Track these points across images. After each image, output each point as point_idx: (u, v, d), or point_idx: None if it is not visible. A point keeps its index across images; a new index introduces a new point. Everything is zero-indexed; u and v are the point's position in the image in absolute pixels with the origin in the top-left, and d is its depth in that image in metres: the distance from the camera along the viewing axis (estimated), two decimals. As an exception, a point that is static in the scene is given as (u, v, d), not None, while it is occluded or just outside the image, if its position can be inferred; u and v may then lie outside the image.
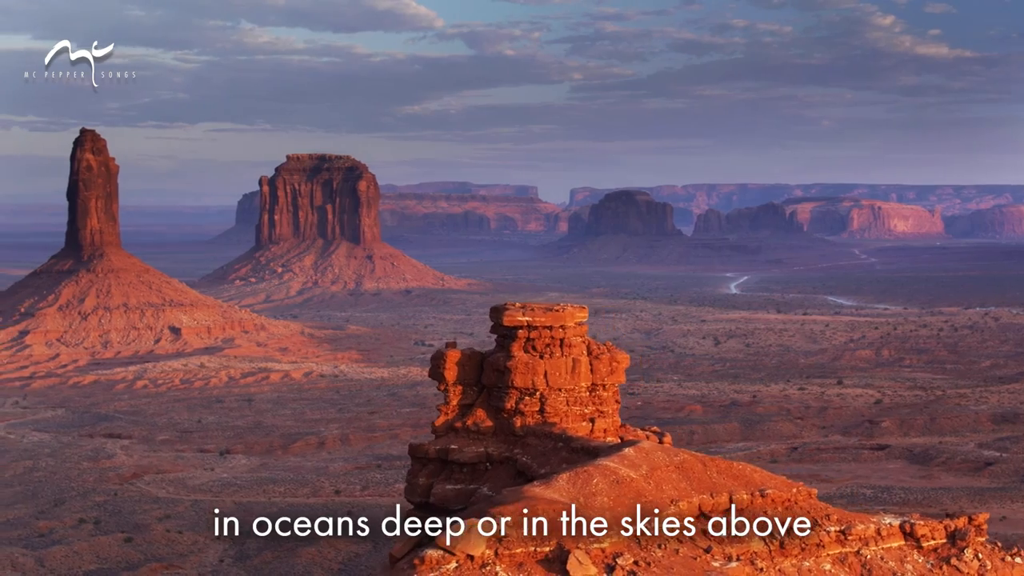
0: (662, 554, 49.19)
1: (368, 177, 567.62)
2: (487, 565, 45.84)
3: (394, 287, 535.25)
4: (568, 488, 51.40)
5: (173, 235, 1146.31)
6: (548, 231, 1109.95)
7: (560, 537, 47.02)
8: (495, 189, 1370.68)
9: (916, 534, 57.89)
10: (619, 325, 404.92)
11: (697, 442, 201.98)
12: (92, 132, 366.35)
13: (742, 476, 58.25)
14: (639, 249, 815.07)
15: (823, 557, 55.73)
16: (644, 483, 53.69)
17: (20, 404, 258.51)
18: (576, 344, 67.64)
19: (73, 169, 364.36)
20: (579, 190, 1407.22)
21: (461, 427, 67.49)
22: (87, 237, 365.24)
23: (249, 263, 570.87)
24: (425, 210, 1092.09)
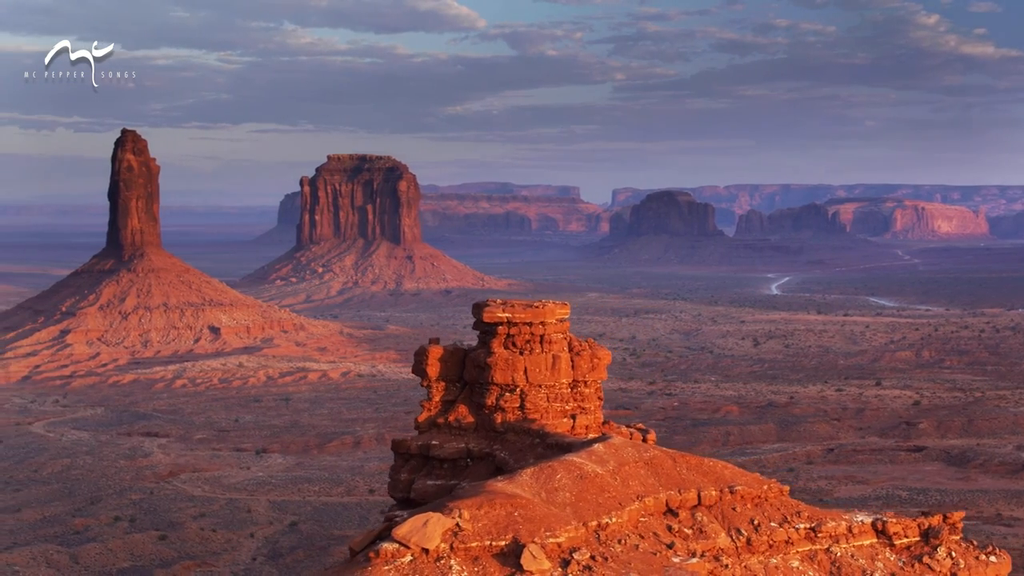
0: (621, 549, 49.10)
1: (408, 177, 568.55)
2: (442, 558, 45.99)
3: (434, 287, 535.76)
4: (531, 483, 51.63)
5: (216, 235, 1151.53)
6: (590, 231, 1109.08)
7: (516, 531, 47.16)
8: (537, 189, 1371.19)
9: (888, 532, 57.72)
10: (658, 326, 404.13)
11: (732, 443, 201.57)
12: (133, 133, 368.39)
13: (712, 473, 58.17)
14: (680, 249, 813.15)
15: (791, 554, 55.52)
16: (610, 479, 53.74)
17: (60, 403, 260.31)
18: (557, 340, 67.45)
19: (114, 169, 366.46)
20: (621, 190, 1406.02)
21: (443, 423, 67.52)
22: (128, 237, 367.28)
23: (290, 263, 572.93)
24: (467, 210, 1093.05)
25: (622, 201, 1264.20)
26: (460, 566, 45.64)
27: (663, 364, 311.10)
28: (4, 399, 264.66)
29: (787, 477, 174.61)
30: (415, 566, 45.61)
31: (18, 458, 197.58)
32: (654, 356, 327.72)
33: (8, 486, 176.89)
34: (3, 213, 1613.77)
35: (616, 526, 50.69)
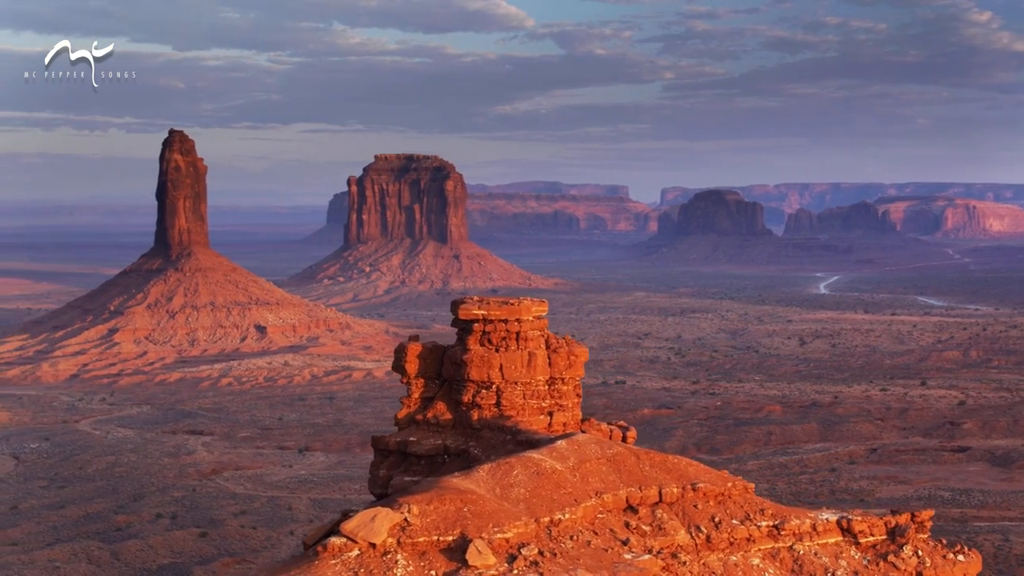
0: (572, 545, 49.10)
1: (455, 177, 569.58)
2: (389, 553, 46.15)
3: (480, 286, 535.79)
4: (487, 479, 51.76)
5: (265, 235, 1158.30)
6: (638, 231, 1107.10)
7: (464, 526, 47.30)
8: (585, 189, 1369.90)
9: (854, 530, 57.47)
10: (704, 325, 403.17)
11: (774, 443, 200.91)
12: (180, 133, 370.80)
13: (676, 470, 58.10)
14: (728, 249, 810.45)
15: (752, 552, 55.28)
16: (569, 475, 53.72)
17: (107, 401, 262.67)
18: (533, 338, 67.51)
19: (162, 170, 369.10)
20: (670, 189, 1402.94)
21: (422, 420, 67.74)
22: (175, 237, 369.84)
23: (337, 262, 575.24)
24: (515, 210, 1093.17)
25: (671, 200, 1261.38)
26: (406, 561, 45.96)
27: (708, 363, 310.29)
28: (52, 397, 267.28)
29: (828, 477, 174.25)
30: (362, 561, 45.78)
31: (64, 455, 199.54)
32: (699, 355, 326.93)
33: (53, 483, 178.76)
34: (57, 213, 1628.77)
35: (569, 522, 50.71)
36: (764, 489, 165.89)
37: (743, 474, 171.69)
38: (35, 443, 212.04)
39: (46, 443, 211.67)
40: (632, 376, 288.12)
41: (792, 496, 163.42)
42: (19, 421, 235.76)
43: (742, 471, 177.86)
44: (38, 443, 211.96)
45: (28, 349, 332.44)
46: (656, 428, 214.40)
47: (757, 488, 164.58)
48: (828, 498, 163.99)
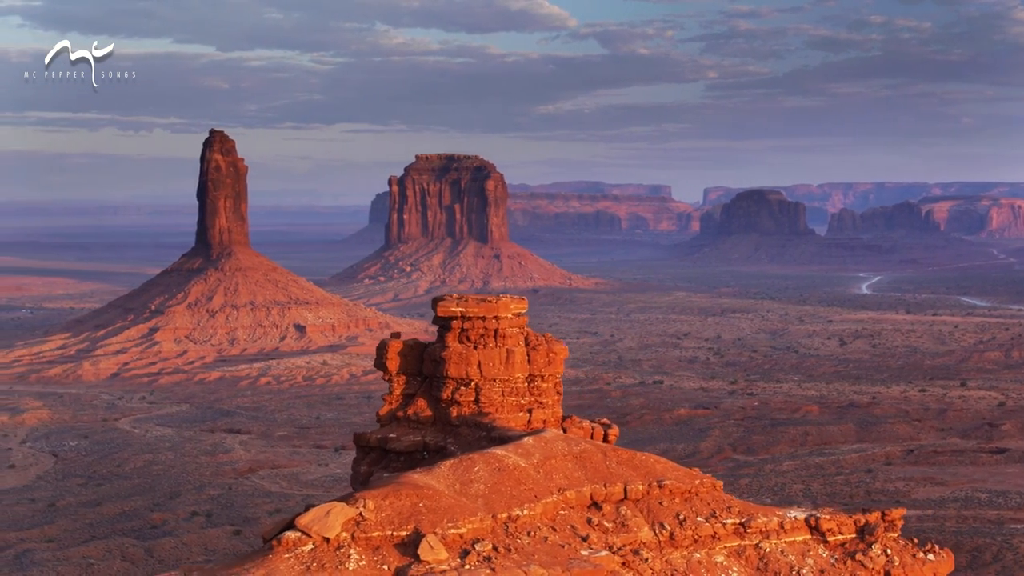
0: (529, 541, 49.21)
1: (496, 177, 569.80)
2: (342, 547, 46.66)
3: (521, 286, 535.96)
4: (448, 475, 51.98)
5: (308, 234, 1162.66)
6: (680, 230, 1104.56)
7: (419, 522, 47.68)
8: (628, 188, 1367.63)
9: (822, 528, 57.28)
10: (744, 325, 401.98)
11: (810, 443, 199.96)
12: (221, 133, 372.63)
13: (643, 467, 58.11)
14: (770, 249, 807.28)
15: (717, 549, 55.15)
16: (532, 472, 53.90)
17: (147, 399, 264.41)
18: (511, 335, 67.65)
19: (202, 170, 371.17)
20: (713, 189, 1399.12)
21: (403, 416, 68.03)
22: (216, 236, 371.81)
23: (378, 262, 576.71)
24: (557, 209, 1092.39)
25: (713, 200, 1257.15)
26: (359, 555, 46.41)
27: (746, 364, 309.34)
28: (93, 396, 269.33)
29: (864, 478, 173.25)
30: (315, 555, 46.34)
31: (102, 453, 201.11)
32: (738, 356, 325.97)
33: (91, 481, 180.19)
34: (102, 213, 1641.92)
35: (528, 518, 50.89)
36: (799, 490, 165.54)
37: (779, 475, 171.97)
38: (74, 441, 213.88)
39: (85, 441, 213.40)
40: (670, 376, 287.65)
41: (827, 497, 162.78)
42: (59, 419, 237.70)
43: (777, 472, 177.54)
44: (77, 441, 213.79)
45: (70, 348, 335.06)
46: (692, 428, 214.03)
47: (790, 489, 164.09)
48: (863, 499, 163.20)
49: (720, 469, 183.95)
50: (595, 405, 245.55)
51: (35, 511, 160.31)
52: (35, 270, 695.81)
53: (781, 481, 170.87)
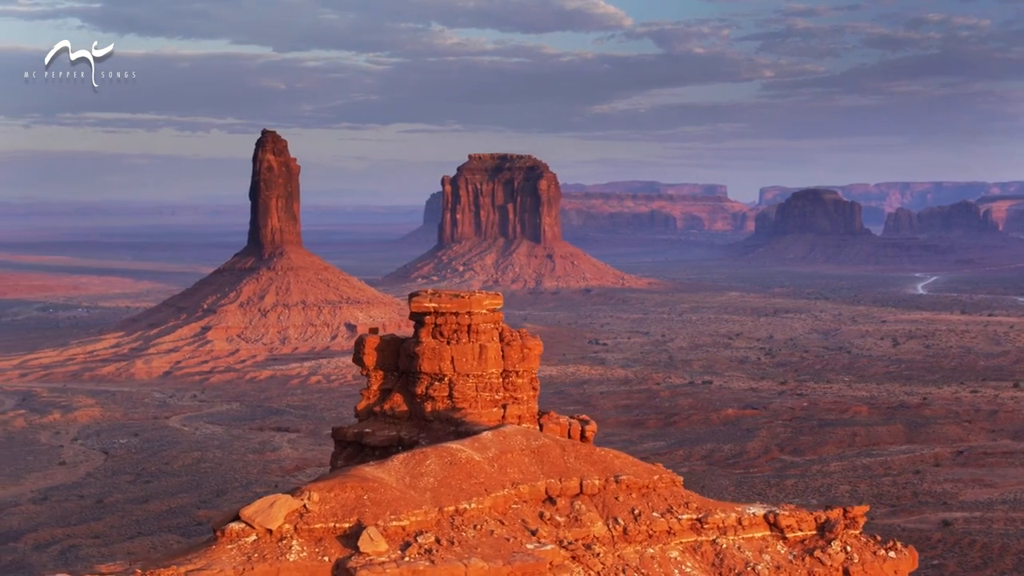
0: (474, 534, 49.33)
1: (549, 176, 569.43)
2: (285, 539, 47.30)
3: (574, 286, 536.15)
4: (399, 468, 52.36)
5: (363, 234, 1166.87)
6: (735, 230, 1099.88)
7: (362, 514, 48.07)
8: (683, 188, 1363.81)
9: (781, 525, 56.92)
10: (797, 325, 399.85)
11: (859, 444, 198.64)
12: (273, 133, 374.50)
13: (601, 462, 57.98)
14: (826, 249, 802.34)
15: (672, 545, 54.89)
16: (486, 465, 54.08)
17: (198, 398, 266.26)
18: (485, 331, 67.75)
19: (255, 169, 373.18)
20: (769, 189, 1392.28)
21: (380, 411, 68.22)
22: (268, 236, 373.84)
23: (431, 262, 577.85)
24: (611, 209, 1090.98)
25: (769, 200, 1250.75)
26: (301, 546, 46.89)
27: (797, 364, 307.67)
28: (145, 394, 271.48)
29: (912, 480, 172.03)
30: (257, 546, 46.96)
31: (152, 451, 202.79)
32: (789, 356, 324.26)
33: (140, 478, 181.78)
34: (159, 213, 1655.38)
35: (476, 511, 51.06)
36: (845, 491, 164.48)
37: (825, 476, 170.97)
38: (124, 438, 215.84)
39: (135, 439, 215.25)
40: (720, 376, 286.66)
41: (874, 498, 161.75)
42: (111, 417, 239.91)
43: (824, 472, 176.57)
44: (127, 439, 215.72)
45: (123, 346, 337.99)
46: (739, 428, 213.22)
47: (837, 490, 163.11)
48: (911, 501, 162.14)
49: (767, 470, 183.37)
50: (643, 405, 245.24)
51: (83, 507, 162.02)
52: (92, 269, 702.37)
53: (827, 482, 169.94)
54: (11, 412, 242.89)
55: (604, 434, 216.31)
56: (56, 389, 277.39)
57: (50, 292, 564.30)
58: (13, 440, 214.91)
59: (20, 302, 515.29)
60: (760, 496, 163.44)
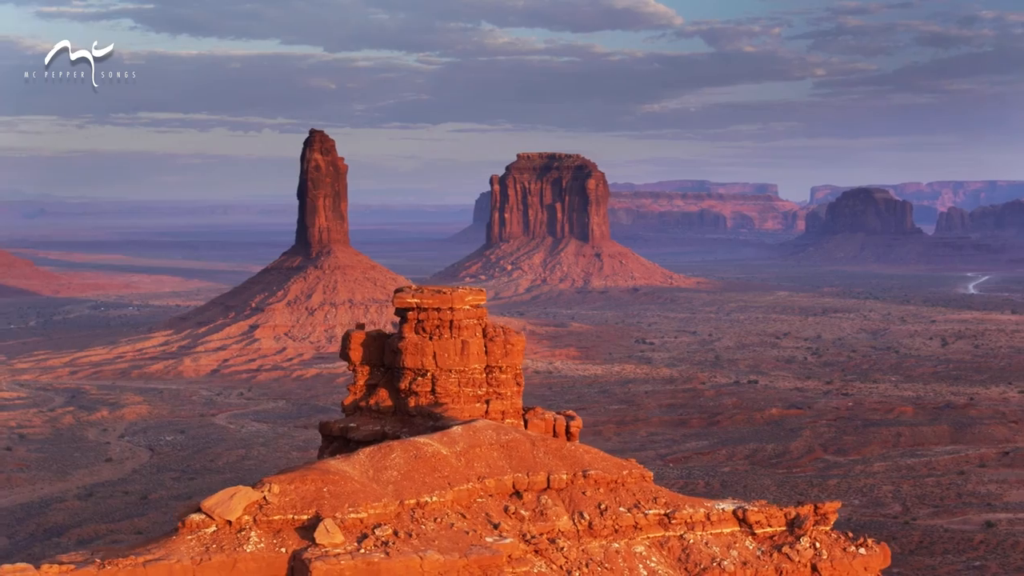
0: (433, 527, 49.59)
1: (597, 175, 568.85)
2: (243, 530, 47.91)
3: (622, 285, 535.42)
4: (365, 461, 52.76)
5: (414, 233, 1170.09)
6: (786, 230, 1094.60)
7: (320, 506, 48.58)
8: (733, 187, 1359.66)
9: (749, 520, 56.69)
10: (845, 325, 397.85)
11: (903, 445, 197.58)
12: (320, 133, 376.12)
13: (571, 457, 58.09)
14: (876, 248, 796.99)
15: (638, 540, 54.77)
16: (453, 459, 54.43)
17: (244, 395, 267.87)
18: (468, 326, 67.86)
19: (303, 169, 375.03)
20: (820, 188, 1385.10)
21: (366, 406, 68.51)
22: (315, 235, 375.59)
23: (480, 261, 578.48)
24: (661, 208, 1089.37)
25: (821, 199, 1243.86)
26: (259, 538, 47.41)
27: (844, 364, 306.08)
28: (192, 392, 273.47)
29: (956, 480, 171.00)
30: (216, 537, 47.73)
31: (197, 448, 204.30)
32: (836, 355, 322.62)
33: (184, 475, 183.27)
34: (211, 213, 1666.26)
35: (437, 505, 51.41)
36: (888, 492, 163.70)
37: (868, 476, 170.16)
38: (171, 436, 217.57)
39: (181, 436, 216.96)
40: (766, 376, 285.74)
41: (917, 499, 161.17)
42: (158, 414, 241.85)
43: (867, 473, 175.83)
44: (173, 436, 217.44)
45: (172, 344, 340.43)
46: (783, 428, 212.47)
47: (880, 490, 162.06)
48: (954, 502, 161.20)
49: (809, 470, 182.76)
50: (687, 404, 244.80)
51: (128, 503, 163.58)
52: (144, 268, 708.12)
53: (871, 482, 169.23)
54: (60, 409, 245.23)
55: (647, 433, 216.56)
56: (105, 387, 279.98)
57: (102, 291, 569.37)
58: (61, 437, 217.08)
59: (73, 300, 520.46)
60: (802, 496, 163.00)
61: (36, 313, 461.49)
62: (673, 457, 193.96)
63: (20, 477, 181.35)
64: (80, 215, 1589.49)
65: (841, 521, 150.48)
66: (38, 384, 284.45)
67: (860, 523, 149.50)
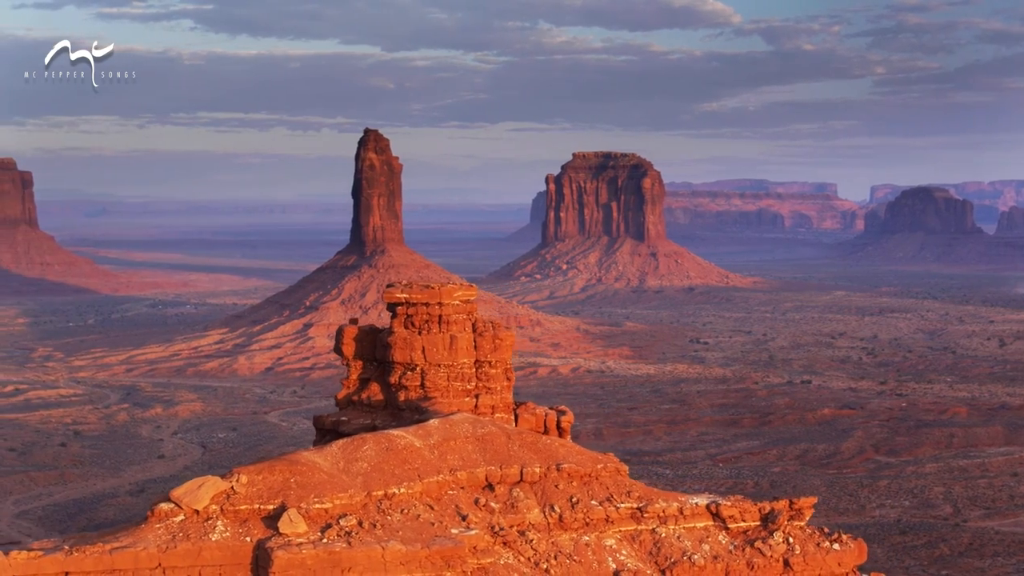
0: (399, 518, 49.93)
1: (653, 175, 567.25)
2: (210, 519, 48.70)
3: (677, 284, 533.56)
4: (337, 453, 53.39)
5: (471, 232, 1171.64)
6: (844, 229, 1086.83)
7: (287, 496, 49.27)
8: (792, 187, 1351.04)
9: (723, 515, 56.38)
10: (902, 325, 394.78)
11: (956, 446, 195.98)
12: (375, 132, 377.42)
13: (546, 450, 58.14)
14: (936, 247, 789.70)
15: (609, 533, 54.55)
16: (427, 452, 54.68)
17: (297, 394, 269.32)
18: (457, 321, 67.95)
19: (357, 168, 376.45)
20: (880, 187, 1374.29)
21: (358, 400, 68.74)
22: (369, 234, 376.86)
23: (535, 260, 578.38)
24: (718, 208, 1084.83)
25: (880, 198, 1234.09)
26: (225, 527, 48.11)
27: (900, 364, 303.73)
28: (246, 389, 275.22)
29: (1009, 482, 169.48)
30: (183, 525, 48.56)
31: (248, 445, 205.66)
32: (892, 356, 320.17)
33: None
34: (270, 212, 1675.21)
35: (404, 496, 51.68)
36: (939, 493, 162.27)
37: (920, 477, 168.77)
38: (223, 433, 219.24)
39: (233, 433, 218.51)
40: (820, 376, 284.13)
41: (968, 500, 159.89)
42: (211, 412, 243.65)
43: (919, 474, 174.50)
44: (226, 433, 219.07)
45: (227, 343, 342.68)
46: (835, 429, 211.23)
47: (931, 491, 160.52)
48: (1006, 503, 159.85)
49: (860, 471, 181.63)
50: (739, 404, 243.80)
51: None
52: (202, 267, 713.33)
53: (921, 483, 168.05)
54: (115, 406, 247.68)
55: (698, 433, 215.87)
56: (160, 384, 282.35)
57: (160, 289, 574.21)
58: (115, 433, 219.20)
59: (131, 298, 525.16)
60: (851, 497, 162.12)
61: (95, 311, 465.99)
62: (723, 457, 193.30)
63: (73, 473, 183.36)
64: (140, 214, 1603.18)
65: (890, 522, 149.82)
66: (94, 381, 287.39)
67: (909, 524, 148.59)
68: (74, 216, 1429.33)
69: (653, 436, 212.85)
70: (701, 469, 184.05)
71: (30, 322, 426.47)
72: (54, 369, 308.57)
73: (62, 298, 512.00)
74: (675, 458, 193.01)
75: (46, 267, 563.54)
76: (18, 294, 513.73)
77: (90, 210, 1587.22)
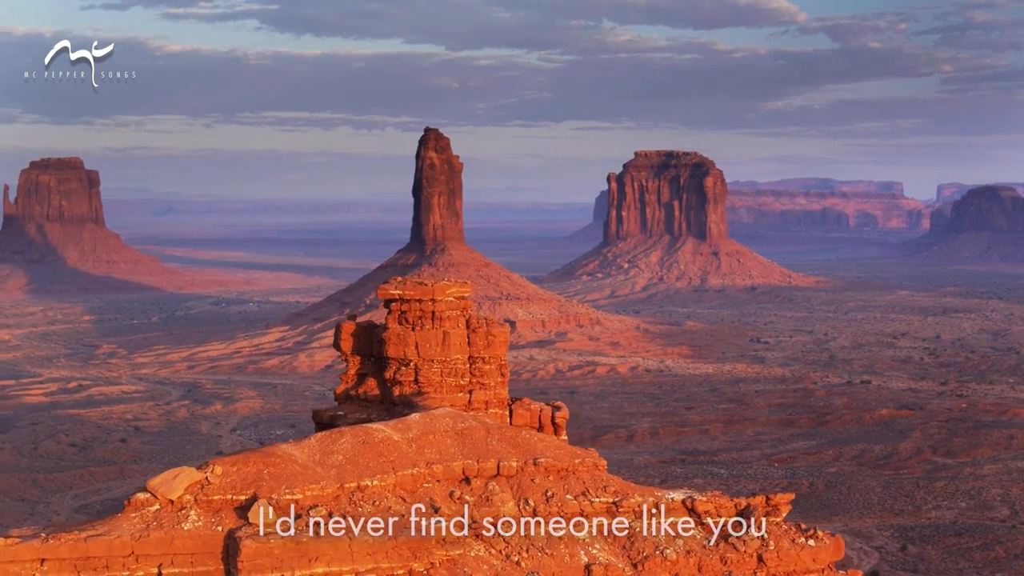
0: (371, 510, 50.65)
1: (715, 173, 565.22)
2: (184, 509, 49.84)
3: (739, 284, 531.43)
4: (314, 445, 54.19)
5: (534, 231, 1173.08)
6: (910, 228, 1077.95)
7: (259, 487, 50.19)
8: (858, 186, 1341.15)
9: (698, 510, 56.43)
10: (966, 325, 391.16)
11: (1015, 447, 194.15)
12: (435, 131, 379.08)
13: (524, 445, 58.48)
14: (1003, 247, 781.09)
15: (582, 527, 54.81)
16: (404, 445, 55.18)
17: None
18: (450, 317, 68.26)
19: (418, 167, 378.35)
20: (947, 186, 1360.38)
21: (355, 395, 69.22)
22: (430, 232, 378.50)
23: (596, 259, 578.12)
24: (782, 207, 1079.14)
25: (947, 197, 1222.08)
26: (198, 516, 49.26)
27: (962, 364, 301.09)
28: (305, 387, 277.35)
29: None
30: (157, 515, 49.73)
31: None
32: (954, 356, 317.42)
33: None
34: (335, 210, 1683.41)
35: (377, 489, 52.36)
36: (997, 495, 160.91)
37: (977, 479, 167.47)
38: (281, 430, 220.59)
39: (292, 430, 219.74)
40: (880, 376, 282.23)
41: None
42: (270, 408, 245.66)
43: (976, 475, 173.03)
44: (284, 430, 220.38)
45: (288, 340, 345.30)
46: (892, 429, 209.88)
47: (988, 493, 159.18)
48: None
49: (917, 471, 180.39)
50: (797, 404, 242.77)
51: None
52: (266, 265, 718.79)
53: (979, 485, 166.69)
54: (176, 403, 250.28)
55: (754, 433, 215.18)
56: (220, 381, 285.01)
57: (223, 287, 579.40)
58: (175, 430, 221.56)
59: (195, 296, 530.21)
60: (907, 498, 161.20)
61: (159, 309, 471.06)
62: (778, 457, 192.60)
63: (133, 468, 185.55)
64: (206, 213, 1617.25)
65: (946, 524, 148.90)
66: (156, 378, 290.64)
67: (965, 526, 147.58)
68: (141, 215, 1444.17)
69: (709, 435, 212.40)
70: (756, 469, 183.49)
71: (95, 319, 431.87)
72: (117, 366, 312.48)
73: (127, 296, 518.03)
74: (730, 458, 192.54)
75: (112, 265, 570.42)
76: (84, 292, 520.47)
77: (157, 209, 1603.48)
